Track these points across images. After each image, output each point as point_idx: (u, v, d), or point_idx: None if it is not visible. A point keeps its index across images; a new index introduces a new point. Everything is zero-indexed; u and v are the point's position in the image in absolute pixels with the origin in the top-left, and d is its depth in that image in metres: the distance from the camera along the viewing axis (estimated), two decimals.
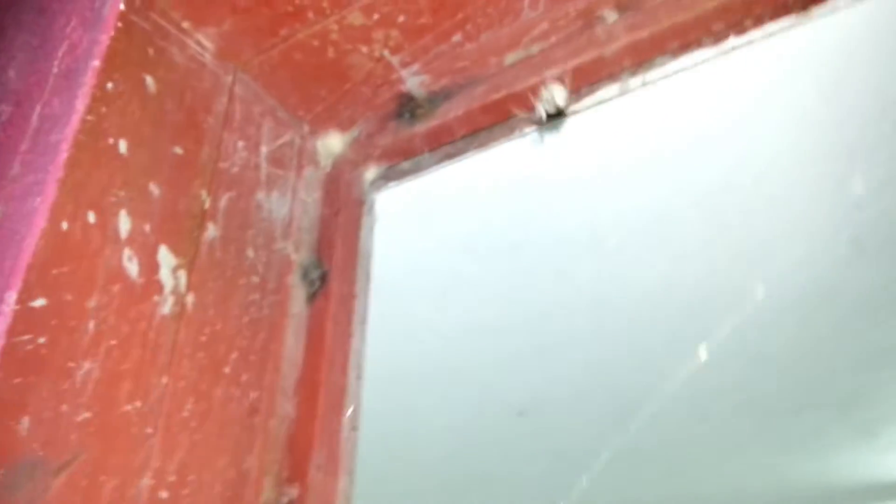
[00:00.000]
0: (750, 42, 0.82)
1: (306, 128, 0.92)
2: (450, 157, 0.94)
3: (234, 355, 0.74)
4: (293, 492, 0.73)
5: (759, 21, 0.75)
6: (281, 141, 0.88)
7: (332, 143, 0.93)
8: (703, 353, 1.30)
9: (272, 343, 0.79)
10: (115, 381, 0.61)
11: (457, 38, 0.81)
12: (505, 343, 1.33)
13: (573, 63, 0.80)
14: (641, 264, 1.11)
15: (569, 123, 0.80)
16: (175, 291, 0.70)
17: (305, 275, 0.85)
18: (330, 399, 0.79)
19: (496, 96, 0.84)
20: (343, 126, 0.92)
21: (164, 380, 0.66)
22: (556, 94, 0.78)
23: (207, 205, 0.76)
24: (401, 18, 0.79)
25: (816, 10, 0.75)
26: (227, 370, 0.72)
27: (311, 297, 0.84)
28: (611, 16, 0.78)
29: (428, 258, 1.16)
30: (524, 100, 0.84)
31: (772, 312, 1.25)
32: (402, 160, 0.92)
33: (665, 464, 1.72)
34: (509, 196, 1.04)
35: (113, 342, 0.62)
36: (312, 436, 0.76)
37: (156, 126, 0.73)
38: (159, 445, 0.64)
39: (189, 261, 0.72)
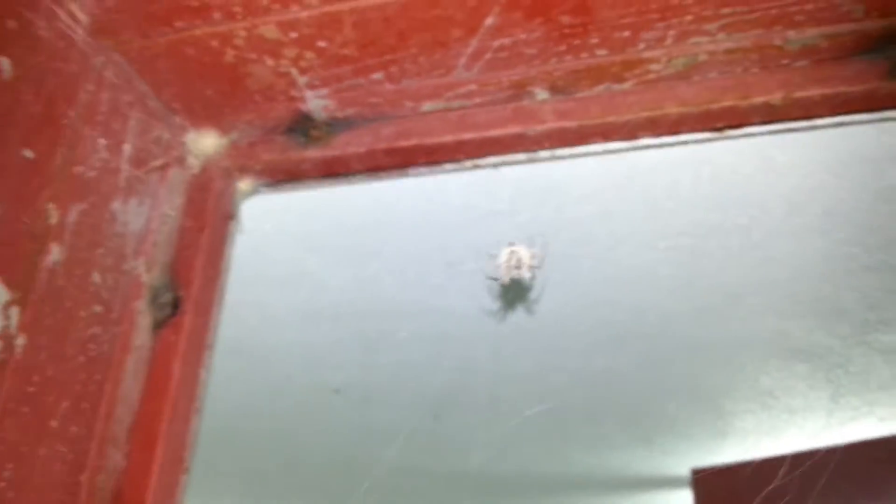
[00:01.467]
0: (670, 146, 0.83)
1: (178, 121, 0.79)
2: (335, 182, 0.86)
3: (64, 405, 0.63)
4: None
5: (682, 133, 0.75)
6: (148, 136, 0.75)
7: (207, 142, 0.81)
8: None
9: (107, 383, 0.68)
10: None
11: (377, 76, 0.73)
12: (327, 329, 1.30)
13: (495, 131, 0.75)
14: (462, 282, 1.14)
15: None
16: (4, 334, 0.58)
17: (154, 299, 0.75)
18: (169, 451, 0.71)
19: (405, 143, 0.77)
20: (223, 128, 0.81)
21: None
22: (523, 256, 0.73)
23: (54, 220, 0.63)
24: (321, 43, 0.69)
25: (731, 132, 0.76)
26: (54, 424, 0.62)
27: (158, 326, 0.74)
28: (541, 94, 0.75)
29: (269, 248, 1.09)
30: (433, 152, 0.79)
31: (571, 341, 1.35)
32: (285, 179, 0.83)
33: (465, 445, 1.81)
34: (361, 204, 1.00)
35: None
36: (146, 493, 0.68)
37: (5, 123, 0.58)
38: None
39: (23, 295, 0.60)
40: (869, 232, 1.03)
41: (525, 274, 0.84)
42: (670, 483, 2.12)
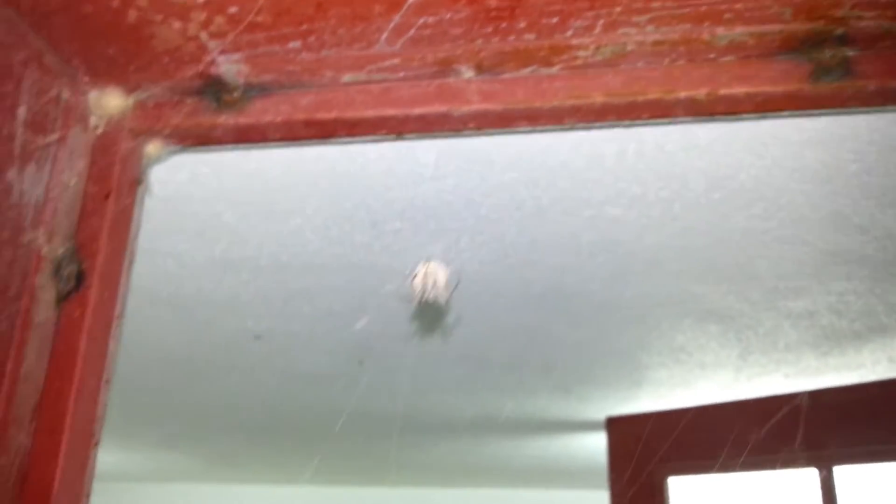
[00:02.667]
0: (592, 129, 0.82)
1: (79, 77, 0.74)
2: (249, 148, 0.83)
3: None
4: None
5: (607, 121, 0.74)
6: (45, 97, 0.70)
7: (111, 100, 0.76)
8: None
9: (8, 363, 0.66)
10: None
11: (294, 44, 0.69)
12: (247, 279, 1.29)
13: (419, 109, 0.73)
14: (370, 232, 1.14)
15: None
16: None
17: (57, 271, 0.71)
18: (78, 427, 0.69)
19: (325, 115, 0.74)
20: (128, 87, 0.76)
21: None
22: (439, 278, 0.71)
23: None
24: (232, 9, 0.65)
25: (654, 121, 0.76)
26: None
27: (62, 300, 0.71)
28: (467, 73, 0.72)
29: (184, 200, 1.05)
30: (354, 125, 0.76)
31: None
32: (196, 144, 0.79)
33: (389, 389, 1.83)
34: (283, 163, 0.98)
35: None
36: (53, 473, 0.66)
37: None
38: None
39: None
40: (781, 208, 1.05)
41: (441, 295, 0.83)
42: (587, 427, 2.22)
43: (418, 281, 0.83)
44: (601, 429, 2.07)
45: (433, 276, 0.83)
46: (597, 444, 2.34)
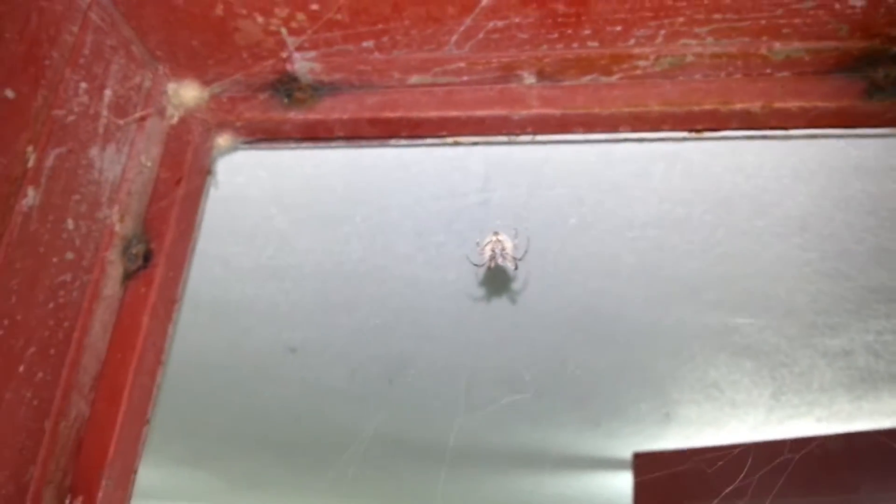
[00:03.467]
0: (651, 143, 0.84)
1: (161, 69, 0.78)
2: (315, 146, 0.86)
3: (31, 350, 0.63)
4: None
5: (662, 130, 0.77)
6: (130, 83, 0.74)
7: (188, 92, 0.80)
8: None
9: (75, 331, 0.68)
10: None
11: (367, 44, 0.73)
12: (290, 288, 1.31)
13: (480, 112, 0.76)
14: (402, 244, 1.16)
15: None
16: None
17: (126, 249, 0.74)
18: (133, 402, 0.71)
19: (390, 115, 0.78)
20: (205, 80, 0.80)
21: None
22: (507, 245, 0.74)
23: (31, 163, 0.62)
24: (314, 6, 0.69)
25: (708, 134, 0.78)
26: (21, 369, 0.62)
27: (129, 277, 0.74)
28: (529, 79, 0.75)
29: (239, 203, 1.08)
30: (417, 125, 0.79)
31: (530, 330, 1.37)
32: (264, 138, 0.82)
33: (416, 412, 1.83)
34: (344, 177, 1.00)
35: None
36: (108, 443, 0.68)
37: None
38: None
39: None
40: (825, 239, 1.06)
41: (507, 264, 0.86)
42: (613, 465, 2.19)
43: (487, 248, 0.85)
44: (626, 468, 2.04)
45: (501, 244, 0.86)
46: (620, 485, 2.29)
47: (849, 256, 1.10)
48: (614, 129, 0.76)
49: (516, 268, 0.85)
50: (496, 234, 0.87)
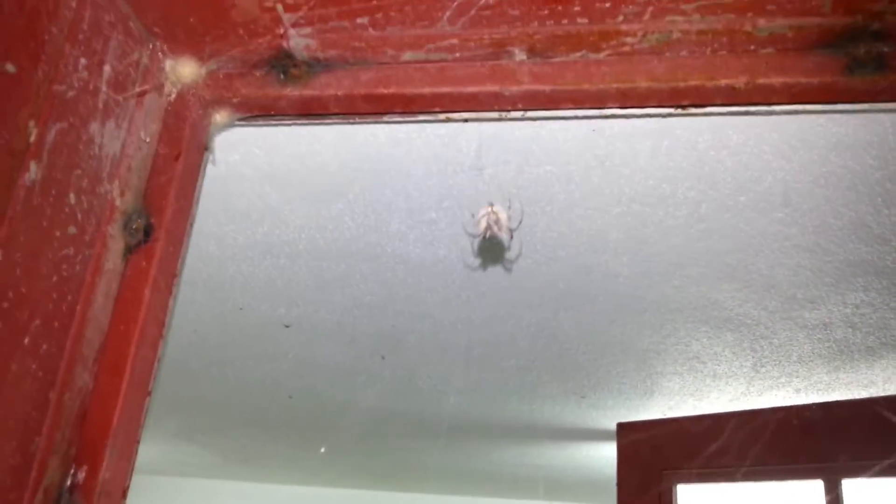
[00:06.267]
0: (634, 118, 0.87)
1: (159, 45, 0.79)
2: (310, 122, 0.87)
3: (36, 322, 0.64)
4: (81, 474, 0.68)
5: (648, 106, 0.79)
6: (128, 59, 0.75)
7: (185, 69, 0.81)
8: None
9: (79, 304, 0.70)
10: None
11: (362, 20, 0.74)
12: (284, 265, 1.32)
13: (472, 87, 0.78)
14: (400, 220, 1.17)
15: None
16: None
17: (127, 224, 0.76)
18: (135, 375, 0.73)
19: (384, 91, 0.79)
20: (202, 57, 0.81)
21: None
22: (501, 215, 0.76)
23: (33, 138, 0.63)
24: None
25: (694, 110, 0.80)
26: (26, 341, 0.63)
27: (129, 251, 0.76)
28: (520, 55, 0.77)
29: (234, 181, 1.09)
30: (410, 101, 0.80)
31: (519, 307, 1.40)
32: (261, 114, 0.84)
33: (407, 385, 1.86)
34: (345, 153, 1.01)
35: None
36: (112, 414, 0.70)
37: None
38: None
39: (0, 210, 0.60)
40: (805, 214, 1.10)
41: (502, 235, 0.88)
42: (599, 436, 2.24)
43: (483, 219, 0.88)
44: (611, 438, 2.09)
45: (496, 215, 0.88)
46: (605, 455, 2.35)
47: (828, 231, 1.13)
48: (602, 105, 0.78)
49: (511, 237, 0.88)
50: (491, 205, 0.89)
